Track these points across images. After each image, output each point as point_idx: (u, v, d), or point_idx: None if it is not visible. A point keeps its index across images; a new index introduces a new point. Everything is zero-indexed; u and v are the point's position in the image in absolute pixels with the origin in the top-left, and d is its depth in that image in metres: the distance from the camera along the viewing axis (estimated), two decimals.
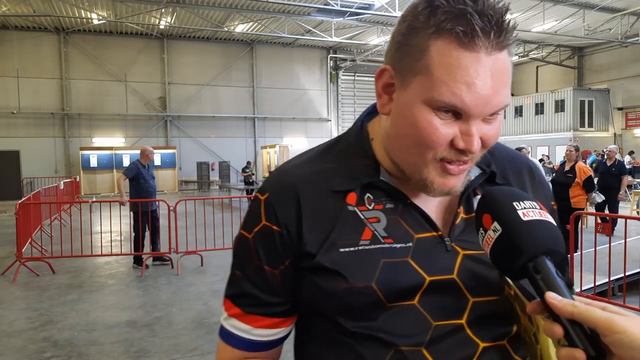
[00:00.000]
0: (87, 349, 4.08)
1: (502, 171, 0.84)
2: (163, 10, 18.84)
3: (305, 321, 0.83)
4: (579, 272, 4.78)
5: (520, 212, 0.65)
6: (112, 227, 8.27)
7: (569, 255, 4.98)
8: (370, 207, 0.77)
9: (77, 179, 19.20)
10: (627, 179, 8.45)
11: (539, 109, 25.28)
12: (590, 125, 24.14)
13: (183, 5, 18.05)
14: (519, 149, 6.79)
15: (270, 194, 0.80)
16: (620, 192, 8.01)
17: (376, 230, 0.75)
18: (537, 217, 0.65)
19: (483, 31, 0.64)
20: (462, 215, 0.78)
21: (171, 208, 7.14)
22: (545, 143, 23.73)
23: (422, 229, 0.76)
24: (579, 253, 5.09)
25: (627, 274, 4.77)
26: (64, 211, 12.38)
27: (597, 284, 4.71)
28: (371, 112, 0.86)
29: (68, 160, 21.77)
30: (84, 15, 19.08)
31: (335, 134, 26.62)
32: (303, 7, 18.34)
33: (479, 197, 0.80)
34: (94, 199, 10.73)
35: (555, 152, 23.45)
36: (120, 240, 8.81)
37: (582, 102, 23.81)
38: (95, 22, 19.55)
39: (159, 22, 20.35)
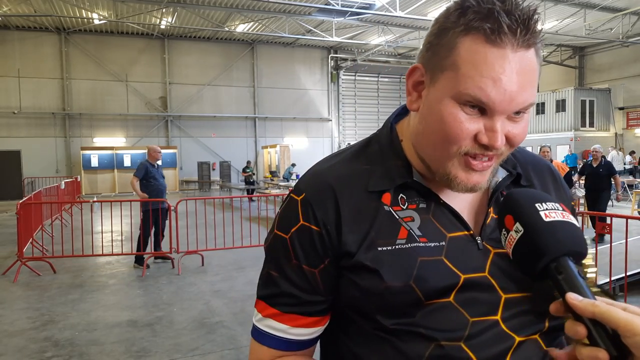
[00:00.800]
0: (88, 349, 4.09)
1: (526, 174, 0.86)
2: (164, 10, 18.85)
3: (339, 319, 0.83)
4: None
5: (542, 213, 0.66)
6: (112, 227, 8.28)
7: None
8: (404, 207, 0.79)
9: (78, 179, 19.22)
10: (619, 178, 8.28)
11: (540, 108, 25.26)
12: (592, 125, 24.11)
13: (184, 5, 18.05)
14: (543, 147, 7.02)
15: (307, 194, 0.81)
16: (618, 192, 7.84)
17: (411, 229, 0.77)
18: (560, 218, 0.66)
19: (510, 28, 0.66)
20: (492, 215, 0.80)
21: (172, 208, 7.14)
22: (546, 143, 23.64)
23: (454, 228, 0.78)
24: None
25: (628, 273, 4.77)
26: (65, 211, 12.40)
27: (598, 284, 4.70)
28: (400, 114, 0.88)
29: (69, 160, 21.78)
30: (84, 15, 19.10)
31: (336, 134, 26.77)
32: (304, 7, 18.33)
33: None
34: (95, 199, 10.74)
35: (556, 152, 23.42)
36: (121, 240, 8.82)
37: (583, 102, 23.78)
38: (96, 22, 19.56)
39: (159, 22, 20.37)
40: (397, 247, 0.76)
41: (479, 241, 0.78)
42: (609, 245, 4.56)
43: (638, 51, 22.84)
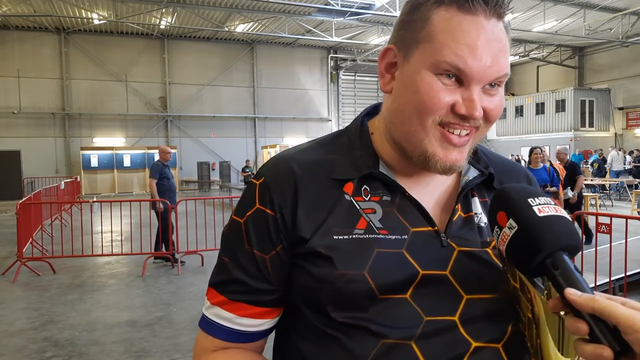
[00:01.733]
0: (88, 349, 4.08)
1: (500, 177, 0.84)
2: (164, 10, 18.85)
3: (289, 315, 0.81)
4: None
5: (535, 209, 0.64)
6: (112, 227, 8.27)
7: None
8: (367, 198, 0.77)
9: (78, 179, 19.22)
10: (582, 179, 8.13)
11: (540, 108, 25.27)
12: (591, 125, 24.13)
13: (183, 5, 18.05)
14: (534, 149, 6.79)
15: (266, 178, 0.80)
16: (572, 193, 7.63)
17: (371, 220, 0.75)
18: (553, 213, 0.65)
19: None
20: (460, 213, 0.79)
21: (172, 208, 7.14)
22: (546, 143, 23.67)
23: (418, 223, 0.76)
24: (579, 253, 5.09)
25: (627, 274, 4.77)
26: (64, 211, 12.39)
27: (597, 283, 4.71)
28: (370, 113, 0.88)
29: (69, 160, 21.78)
30: (84, 15, 19.10)
31: None
32: (303, 7, 18.34)
33: (475, 198, 0.82)
34: (95, 199, 10.74)
35: (555, 152, 23.41)
36: (121, 240, 8.82)
37: (582, 102, 23.80)
38: (96, 22, 19.57)
39: (159, 22, 20.37)
40: (353, 236, 0.74)
41: (443, 238, 0.76)
42: (609, 245, 4.56)
43: (638, 51, 22.85)
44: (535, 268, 0.64)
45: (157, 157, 7.47)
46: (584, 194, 9.04)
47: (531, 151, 6.87)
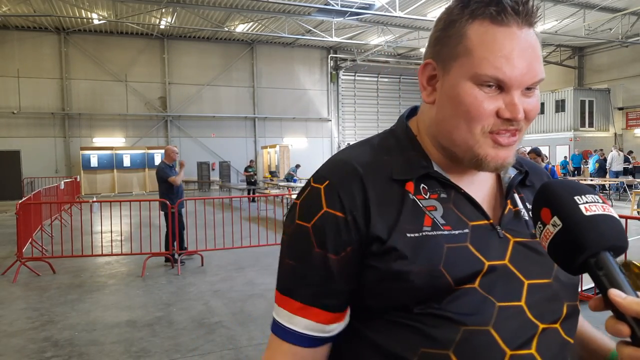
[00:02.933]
0: (88, 349, 4.08)
1: (529, 175, 0.91)
2: (163, 10, 18.85)
3: (357, 314, 0.82)
4: None
5: (582, 207, 0.64)
6: (112, 227, 8.27)
7: None
8: (427, 197, 0.81)
9: (78, 179, 19.21)
10: None
11: (540, 108, 25.26)
12: (591, 125, 24.13)
13: (183, 5, 18.05)
14: (533, 150, 6.76)
15: (332, 181, 0.80)
16: None
17: (435, 217, 0.79)
18: (601, 212, 0.63)
19: (513, 9, 0.73)
20: (510, 207, 0.84)
21: (172, 208, 7.14)
22: (546, 143, 23.71)
23: (475, 217, 0.80)
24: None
25: None
26: (64, 211, 12.39)
27: None
28: (409, 115, 0.92)
29: (68, 160, 21.78)
30: (84, 15, 19.10)
31: (335, 134, 26.80)
32: (303, 7, 18.33)
33: (516, 195, 0.87)
34: (94, 199, 10.74)
35: (555, 152, 23.45)
36: (121, 241, 8.82)
37: (582, 102, 23.80)
38: (96, 22, 19.56)
39: (159, 22, 20.36)
40: (423, 233, 0.77)
41: (499, 230, 0.80)
42: None
43: (637, 51, 22.86)
44: (578, 267, 0.63)
45: (157, 157, 7.52)
46: None
47: (528, 154, 6.86)
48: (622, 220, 4.88)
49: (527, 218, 0.84)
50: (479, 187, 0.85)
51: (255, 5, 18.43)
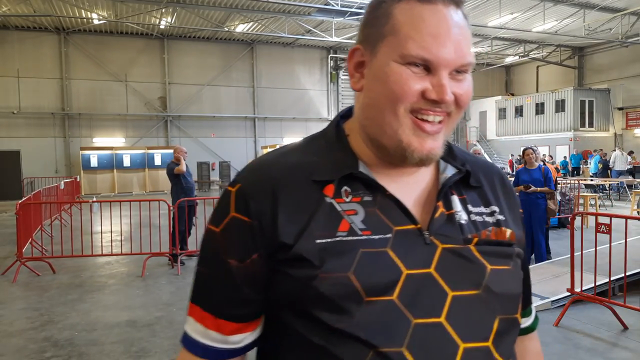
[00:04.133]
0: (88, 349, 4.08)
1: (475, 175, 0.85)
2: (163, 10, 18.85)
3: (273, 327, 0.79)
4: (579, 272, 4.78)
5: None
6: (112, 227, 8.27)
7: (568, 256, 4.98)
8: (348, 200, 0.76)
9: (78, 179, 19.21)
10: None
11: (540, 109, 25.28)
12: (591, 125, 24.14)
13: (183, 5, 18.06)
14: (527, 149, 6.71)
15: (243, 185, 0.77)
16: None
17: (353, 222, 0.74)
18: None
19: None
20: (441, 209, 0.78)
21: (172, 208, 7.14)
22: (546, 143, 23.73)
23: (401, 222, 0.75)
24: (579, 253, 5.09)
25: (627, 274, 4.77)
26: (64, 211, 12.39)
27: (597, 284, 4.71)
28: (344, 115, 0.89)
29: (68, 160, 21.78)
30: (84, 15, 19.10)
31: None
32: (303, 7, 18.34)
33: (454, 196, 0.81)
34: (94, 199, 10.74)
35: (555, 152, 23.45)
36: (121, 241, 8.82)
37: (582, 102, 23.81)
38: (96, 22, 19.57)
39: (159, 22, 20.36)
40: (337, 239, 0.72)
41: (426, 235, 0.75)
42: (609, 245, 4.56)
43: (637, 51, 22.86)
44: None
45: (157, 157, 7.58)
46: (583, 194, 9.03)
47: (524, 151, 6.82)
48: (622, 221, 4.89)
49: (463, 222, 0.78)
50: (413, 188, 0.80)
51: (255, 5, 18.43)
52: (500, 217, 0.83)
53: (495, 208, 0.83)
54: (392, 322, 0.69)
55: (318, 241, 0.72)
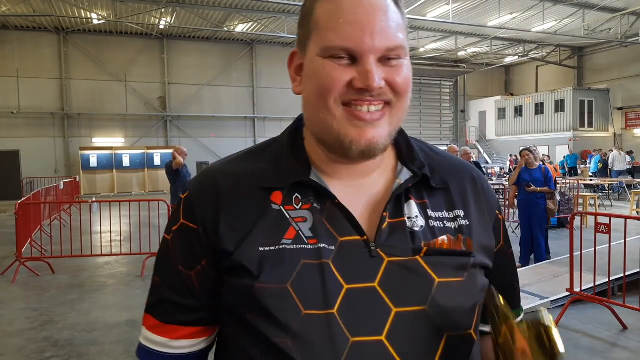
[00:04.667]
0: (87, 349, 4.08)
1: (442, 176, 0.80)
2: (163, 10, 18.84)
3: (223, 338, 0.79)
4: (578, 272, 4.78)
5: None
6: (112, 227, 8.26)
7: (567, 256, 4.98)
8: (298, 207, 0.74)
9: (77, 179, 19.20)
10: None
11: (539, 109, 25.29)
12: (590, 125, 24.16)
13: (183, 5, 18.05)
14: (523, 150, 6.70)
15: (190, 192, 0.78)
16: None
17: (301, 230, 0.72)
18: None
19: None
20: (387, 219, 0.74)
21: (171, 208, 7.14)
22: (545, 143, 23.74)
23: (347, 232, 0.72)
24: (578, 253, 5.10)
25: (627, 274, 4.77)
26: (63, 211, 12.38)
27: (597, 284, 4.71)
28: (303, 119, 0.85)
29: (68, 160, 21.76)
30: (84, 15, 19.08)
31: None
32: None
33: (411, 201, 0.77)
34: (94, 199, 10.73)
35: (555, 152, 23.45)
36: (120, 241, 8.81)
37: (582, 102, 23.82)
38: (95, 22, 19.55)
39: (158, 22, 20.35)
40: (280, 247, 0.70)
41: (372, 248, 0.71)
42: (608, 245, 4.56)
43: (637, 51, 22.86)
44: None
45: (156, 158, 7.58)
46: (582, 194, 9.04)
47: (520, 153, 6.81)
48: (621, 221, 4.89)
49: (417, 229, 0.74)
50: (366, 194, 0.76)
51: (255, 5, 18.43)
52: (464, 222, 0.77)
53: (460, 212, 0.78)
54: (329, 340, 0.66)
55: (261, 249, 0.70)
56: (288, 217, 0.73)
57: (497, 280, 0.80)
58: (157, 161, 21.77)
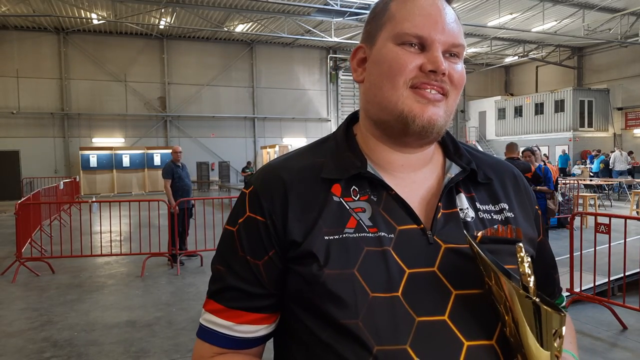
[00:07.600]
0: (87, 349, 4.08)
1: (485, 172, 0.87)
2: (163, 11, 18.84)
3: (286, 322, 0.82)
4: (578, 272, 4.78)
5: None
6: (111, 228, 8.26)
7: (567, 256, 4.98)
8: (356, 198, 0.79)
9: (77, 179, 19.20)
10: None
11: (539, 109, 25.29)
12: (590, 125, 24.15)
13: (183, 5, 18.05)
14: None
15: (256, 186, 0.82)
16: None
17: (361, 219, 0.77)
18: None
19: None
20: (442, 210, 0.80)
21: (171, 209, 7.13)
22: (545, 143, 23.73)
23: (405, 221, 0.78)
24: (578, 253, 5.10)
25: (626, 274, 4.77)
26: (63, 211, 12.38)
27: (596, 284, 4.72)
28: (353, 118, 0.92)
29: (68, 160, 21.76)
30: (83, 15, 19.08)
31: None
32: (303, 7, 18.33)
33: (462, 194, 0.83)
34: (94, 199, 10.73)
35: (555, 152, 23.45)
36: (120, 241, 8.81)
37: (581, 102, 23.82)
38: (95, 22, 19.55)
39: (158, 22, 20.35)
40: (344, 235, 0.75)
41: (429, 235, 0.77)
42: (608, 245, 4.56)
43: (637, 51, 22.87)
44: None
45: (156, 158, 7.53)
46: (582, 194, 9.05)
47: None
48: (621, 221, 4.89)
49: (468, 219, 0.80)
50: (419, 187, 0.82)
51: (255, 6, 18.43)
52: (509, 214, 0.84)
53: (505, 205, 0.85)
54: (396, 320, 0.71)
55: (327, 237, 0.75)
56: (348, 207, 0.78)
57: (538, 270, 0.82)
58: (157, 161, 21.77)
